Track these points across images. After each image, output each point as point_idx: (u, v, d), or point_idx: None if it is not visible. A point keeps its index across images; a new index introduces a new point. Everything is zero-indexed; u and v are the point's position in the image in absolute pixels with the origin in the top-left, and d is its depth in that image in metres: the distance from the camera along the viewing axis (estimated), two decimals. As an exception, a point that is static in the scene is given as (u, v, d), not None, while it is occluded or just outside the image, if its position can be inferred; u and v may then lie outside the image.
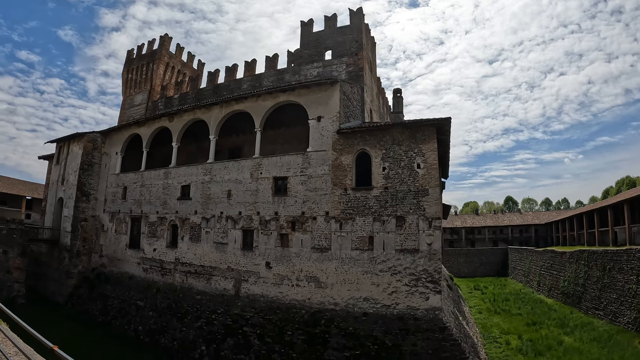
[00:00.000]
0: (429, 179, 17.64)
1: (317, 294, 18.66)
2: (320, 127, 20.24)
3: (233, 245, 21.63)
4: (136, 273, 25.80)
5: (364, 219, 18.30)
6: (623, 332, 23.43)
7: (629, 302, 24.41)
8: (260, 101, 22.66)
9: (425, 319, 16.51)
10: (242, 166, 22.34)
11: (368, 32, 29.05)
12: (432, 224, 17.22)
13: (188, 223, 23.83)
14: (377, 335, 16.78)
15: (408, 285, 17.11)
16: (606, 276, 28.00)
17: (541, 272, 42.57)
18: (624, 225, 39.58)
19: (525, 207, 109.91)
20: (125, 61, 39.17)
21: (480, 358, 18.43)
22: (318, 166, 19.76)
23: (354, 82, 24.76)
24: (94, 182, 29.42)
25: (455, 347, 15.70)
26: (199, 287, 22.40)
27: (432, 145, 18.00)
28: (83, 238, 28.40)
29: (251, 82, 29.40)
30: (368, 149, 18.95)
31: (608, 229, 43.25)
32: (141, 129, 28.24)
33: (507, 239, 71.86)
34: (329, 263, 18.64)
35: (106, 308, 25.27)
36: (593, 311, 28.83)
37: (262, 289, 20.13)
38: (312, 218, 19.43)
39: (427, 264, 16.99)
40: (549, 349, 21.36)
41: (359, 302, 17.74)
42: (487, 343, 23.52)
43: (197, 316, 21.27)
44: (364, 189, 18.57)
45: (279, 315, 19.10)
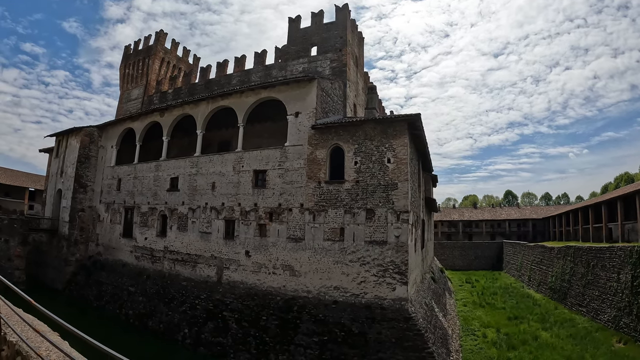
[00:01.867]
0: (398, 174, 18.32)
1: (292, 282, 19.62)
2: (297, 122, 21.05)
3: (216, 235, 22.70)
4: (129, 261, 27.10)
5: (336, 211, 19.13)
6: (602, 329, 23.70)
7: (610, 300, 24.61)
8: (244, 97, 23.53)
9: (391, 309, 17.21)
10: (225, 159, 23.30)
11: (355, 28, 29.62)
12: (400, 217, 17.93)
13: (176, 213, 24.96)
14: (344, 322, 17.60)
15: (376, 275, 17.89)
16: (590, 273, 28.06)
17: (532, 266, 42.89)
18: (617, 222, 39.71)
19: (525, 202, 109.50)
20: (122, 56, 40.35)
21: (448, 349, 19.04)
22: (294, 160, 20.61)
23: (337, 78, 25.46)
24: (91, 174, 30.73)
25: (418, 337, 16.32)
26: (185, 274, 23.56)
27: (403, 140, 18.64)
28: (80, 228, 29.79)
29: (240, 78, 30.27)
30: (341, 143, 19.71)
31: (602, 225, 43.37)
32: (135, 124, 29.37)
33: (504, 233, 71.98)
34: (302, 253, 19.57)
35: (100, 293, 26.64)
36: (577, 307, 28.96)
37: (241, 276, 21.19)
38: (288, 209, 20.35)
39: (394, 256, 17.73)
40: (523, 343, 21.70)
41: (330, 290, 18.63)
42: (464, 335, 23.92)
43: (182, 301, 22.45)
44: (337, 182, 19.37)
45: (256, 301, 20.15)
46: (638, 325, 20.87)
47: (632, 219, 36.97)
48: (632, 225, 36.98)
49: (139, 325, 22.86)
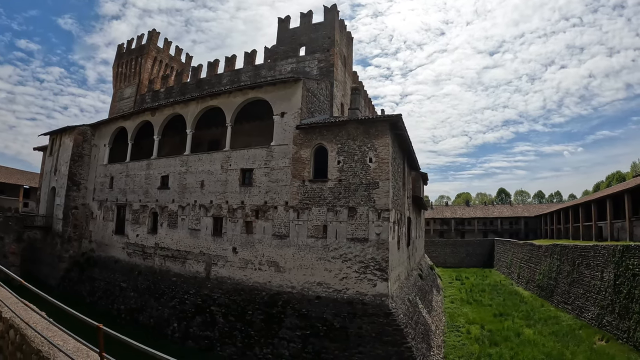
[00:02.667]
0: (380, 173, 18.83)
1: (277, 278, 20.20)
2: (283, 122, 21.56)
3: (205, 232, 23.27)
4: (121, 257, 27.66)
5: (319, 209, 19.68)
6: (586, 327, 23.96)
7: (594, 298, 24.84)
8: (232, 97, 24.02)
9: (372, 304, 17.71)
10: (214, 158, 23.83)
11: (343, 29, 30.05)
12: (381, 216, 18.46)
13: (167, 211, 25.50)
14: (327, 317, 18.14)
15: (357, 272, 18.43)
16: (575, 271, 28.31)
17: (521, 264, 43.28)
18: (606, 221, 40.01)
19: (518, 200, 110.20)
20: (115, 55, 40.75)
21: (429, 344, 19.50)
22: (280, 159, 21.14)
23: (324, 78, 25.94)
24: (84, 172, 31.24)
25: (398, 332, 16.82)
26: (175, 269, 24.14)
27: (385, 140, 19.13)
28: (74, 225, 30.33)
29: (231, 77, 30.72)
30: (325, 143, 20.22)
31: (592, 223, 43.73)
32: (127, 123, 29.85)
33: (496, 230, 72.42)
34: (287, 249, 20.13)
35: (93, 289, 27.22)
36: (562, 305, 29.21)
37: (229, 272, 21.77)
38: (274, 207, 20.90)
39: (375, 253, 18.27)
40: (505, 339, 21.92)
41: (313, 286, 19.20)
42: (448, 331, 24.26)
43: (172, 296, 23.04)
44: (320, 181, 19.91)
45: (242, 296, 20.74)
46: (620, 324, 21.15)
47: (622, 218, 37.19)
48: (622, 224, 37.08)
49: (130, 320, 23.45)
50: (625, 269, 21.41)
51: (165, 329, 21.51)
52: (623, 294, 21.25)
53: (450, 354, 20.33)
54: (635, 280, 20.33)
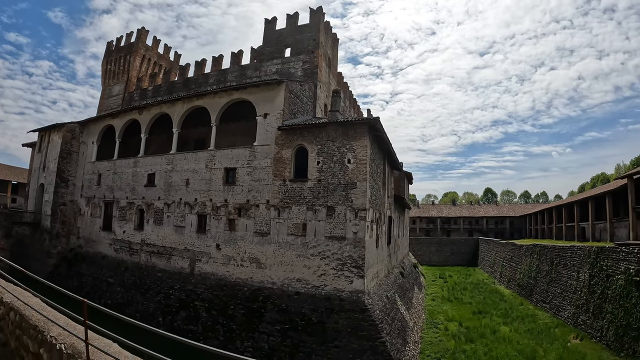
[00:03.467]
0: (357, 173, 19.53)
1: (258, 274, 20.89)
2: (266, 123, 22.17)
3: (189, 229, 23.89)
4: (108, 253, 28.20)
5: (299, 207, 20.36)
6: (562, 325, 24.41)
7: (570, 298, 25.31)
8: (217, 98, 24.57)
9: (349, 300, 18.42)
10: (199, 157, 24.40)
11: (329, 30, 30.62)
12: (358, 215, 19.17)
13: (153, 208, 26.06)
14: (305, 312, 18.85)
15: (335, 269, 19.14)
16: (553, 271, 28.84)
17: (503, 263, 43.98)
18: (588, 222, 40.98)
19: (504, 199, 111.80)
20: (105, 52, 40.99)
21: (405, 340, 20.18)
22: (262, 159, 21.78)
23: (308, 79, 26.55)
24: (72, 169, 31.63)
25: (372, 327, 17.50)
26: (160, 265, 24.74)
27: (363, 142, 19.80)
28: (62, 221, 30.77)
29: (217, 77, 31.23)
30: (306, 144, 20.87)
31: (574, 224, 44.72)
32: (114, 120, 30.28)
33: (482, 230, 73.48)
34: (268, 246, 20.82)
35: (81, 285, 27.72)
36: (541, 304, 29.73)
37: (212, 268, 22.43)
38: (256, 205, 21.56)
39: (352, 251, 18.98)
40: (481, 336, 22.38)
41: (293, 282, 19.90)
42: (427, 328, 24.86)
43: (158, 291, 23.67)
44: (300, 181, 20.58)
45: (225, 291, 21.42)
46: (594, 323, 21.64)
47: (604, 219, 37.63)
48: (604, 225, 37.87)
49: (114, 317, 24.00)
50: (600, 270, 22.00)
51: (150, 323, 22.01)
52: (597, 293, 21.84)
53: (427, 349, 20.91)
54: (609, 281, 20.84)
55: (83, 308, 4.52)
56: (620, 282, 19.75)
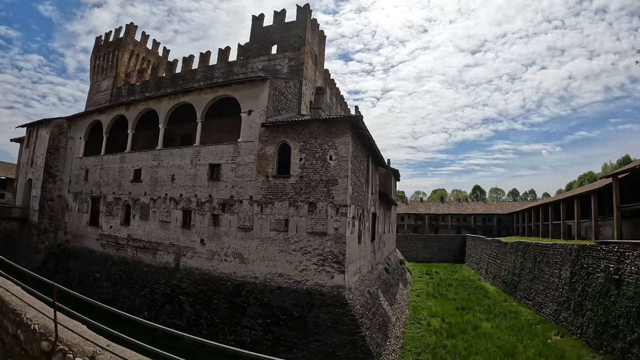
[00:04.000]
0: (339, 170, 19.82)
1: (241, 269, 21.20)
2: (250, 120, 22.40)
3: (175, 224, 24.12)
4: (95, 248, 28.38)
5: (281, 203, 20.66)
6: (544, 322, 24.74)
7: (552, 295, 25.63)
8: (202, 94, 24.75)
9: (329, 295, 18.74)
10: (184, 153, 24.60)
11: (316, 28, 30.79)
12: (339, 211, 19.47)
13: (139, 203, 26.25)
14: (287, 306, 19.14)
15: (316, 264, 19.46)
16: (536, 268, 29.18)
17: (489, 260, 44.38)
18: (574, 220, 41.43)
19: (493, 197, 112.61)
20: (93, 47, 40.86)
21: (386, 334, 20.45)
22: (246, 155, 22.02)
23: (293, 76, 26.75)
24: (60, 165, 31.69)
25: (352, 322, 17.81)
26: (146, 260, 24.97)
27: (345, 139, 20.08)
28: (50, 216, 30.86)
29: (204, 73, 31.35)
30: (289, 141, 21.14)
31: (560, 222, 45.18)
32: (102, 116, 30.34)
33: (470, 227, 73.96)
34: (251, 241, 21.12)
35: (69, 280, 27.85)
36: (524, 300, 30.08)
37: (197, 262, 22.70)
38: (239, 201, 21.83)
39: (333, 246, 19.31)
40: (462, 332, 22.72)
41: (275, 277, 20.22)
42: (409, 323, 25.23)
43: (143, 286, 23.91)
44: (283, 177, 20.86)
45: (209, 286, 21.71)
46: (574, 320, 21.91)
47: (590, 218, 37.91)
48: (589, 223, 38.08)
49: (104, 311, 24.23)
50: (581, 268, 22.31)
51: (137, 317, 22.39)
52: (578, 291, 22.12)
53: (408, 344, 21.28)
54: (589, 279, 21.13)
55: (53, 291, 5.01)
56: (600, 280, 20.04)
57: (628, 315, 17.07)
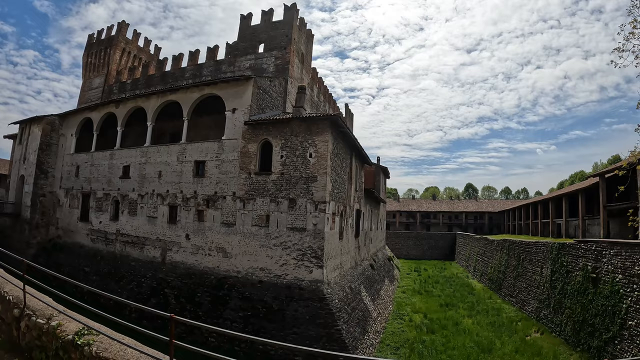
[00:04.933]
0: (318, 167, 20.34)
1: (224, 263, 21.77)
2: (234, 118, 22.92)
3: (161, 219, 24.69)
4: (85, 243, 28.97)
5: (263, 199, 21.20)
6: (526, 319, 25.04)
7: (534, 292, 25.84)
8: (189, 93, 25.26)
9: (308, 289, 19.26)
10: (171, 150, 25.14)
11: (303, 27, 31.26)
12: (318, 207, 20.01)
13: (127, 199, 26.81)
14: (267, 300, 19.69)
15: (296, 259, 19.99)
16: (520, 266, 29.49)
17: (477, 257, 44.85)
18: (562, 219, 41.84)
19: (485, 195, 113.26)
20: (86, 45, 41.34)
21: (365, 329, 20.91)
22: (230, 152, 22.56)
23: (279, 75, 27.24)
24: (52, 161, 32.26)
25: (329, 316, 18.33)
26: (134, 255, 25.56)
27: (324, 137, 20.58)
28: (41, 212, 31.45)
29: (193, 71, 31.85)
30: (270, 138, 21.66)
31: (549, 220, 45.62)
32: (92, 114, 30.87)
33: (461, 224, 74.51)
34: (234, 236, 21.68)
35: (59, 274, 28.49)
36: (508, 298, 30.47)
37: (182, 257, 23.29)
38: (223, 197, 22.38)
39: (312, 242, 19.84)
40: (443, 328, 23.14)
41: (257, 271, 20.78)
42: (392, 319, 25.65)
43: (131, 279, 24.52)
44: (265, 174, 21.39)
45: (193, 279, 22.30)
46: (554, 318, 22.15)
47: (576, 216, 38.31)
48: (577, 222, 38.34)
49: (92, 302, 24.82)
50: (561, 266, 22.53)
51: (123, 310, 22.91)
52: (557, 289, 22.36)
53: (388, 339, 21.79)
54: (569, 277, 21.35)
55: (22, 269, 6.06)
56: (578, 279, 20.24)
57: (604, 313, 17.26)
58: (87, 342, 4.67)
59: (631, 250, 16.47)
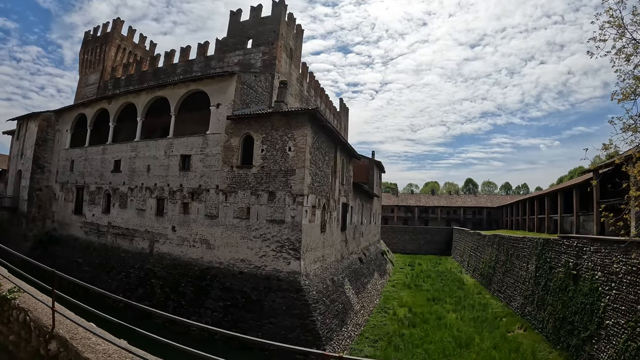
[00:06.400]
0: (297, 161, 20.74)
1: (208, 254, 22.33)
2: (218, 113, 23.41)
3: (150, 212, 25.35)
4: (79, 235, 29.79)
5: (244, 192, 21.69)
6: (511, 315, 24.79)
7: (520, 288, 25.56)
8: (176, 89, 25.79)
9: (286, 280, 19.69)
10: (159, 145, 25.73)
11: (292, 22, 31.57)
12: (296, 200, 20.41)
13: (118, 192, 27.52)
14: (246, 290, 20.18)
15: (275, 250, 20.45)
16: (508, 261, 29.18)
17: (470, 253, 44.74)
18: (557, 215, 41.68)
19: (486, 190, 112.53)
20: (82, 42, 42.13)
21: (343, 321, 21.10)
22: (213, 147, 23.07)
23: (266, 70, 27.63)
24: (48, 156, 33.09)
25: (305, 307, 18.70)
26: (124, 246, 26.28)
27: (303, 131, 20.95)
28: (38, 205, 32.34)
29: (184, 67, 32.40)
30: (252, 132, 22.11)
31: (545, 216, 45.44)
32: (86, 110, 31.61)
33: (459, 219, 74.18)
34: (216, 228, 22.22)
35: (54, 266, 28.92)
36: (497, 293, 30.11)
37: (168, 248, 23.91)
38: (206, 190, 22.92)
39: (290, 234, 20.29)
40: (424, 322, 23.06)
41: (238, 262, 21.30)
42: (376, 312, 25.78)
43: (120, 270, 25.24)
44: (246, 167, 21.87)
45: (178, 270, 22.91)
46: (537, 314, 21.79)
47: (570, 212, 37.72)
48: (573, 218, 38.47)
49: (82, 293, 25.58)
50: (544, 262, 22.17)
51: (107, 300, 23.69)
52: (541, 285, 22.03)
53: (368, 332, 21.95)
54: (551, 273, 20.94)
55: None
56: (560, 275, 19.87)
57: (583, 311, 16.94)
58: (14, 297, 6.06)
59: (610, 247, 15.99)
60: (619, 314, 14.43)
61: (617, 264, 15.29)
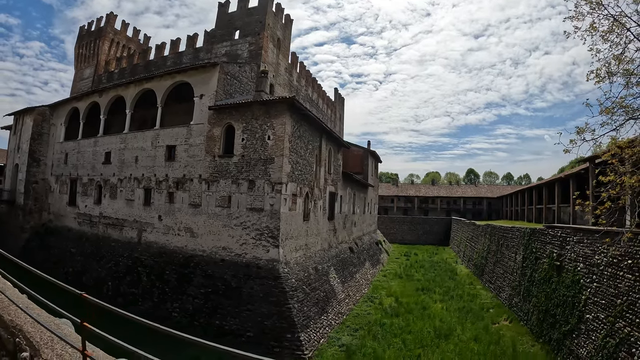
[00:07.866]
0: (275, 149, 20.90)
1: (191, 242, 22.72)
2: (201, 103, 23.65)
3: (138, 202, 25.81)
4: (73, 226, 30.46)
5: (225, 181, 21.96)
6: (499, 306, 24.39)
7: (508, 279, 25.14)
8: (162, 81, 26.08)
9: (265, 268, 19.95)
10: (146, 136, 26.11)
11: (280, 12, 31.58)
12: (275, 188, 20.61)
13: (109, 183, 28.04)
14: (227, 278, 20.49)
15: (254, 238, 20.71)
16: (499, 251, 28.77)
17: (466, 243, 44.53)
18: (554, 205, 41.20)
19: (487, 181, 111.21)
20: (77, 37, 42.60)
21: (324, 309, 21.19)
22: (197, 137, 23.35)
23: (252, 61, 27.77)
24: (43, 150, 33.81)
25: (282, 294, 18.92)
26: (114, 236, 26.83)
27: (282, 120, 21.07)
28: (34, 198, 33.11)
29: (174, 59, 32.67)
30: (233, 122, 22.31)
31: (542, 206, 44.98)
32: (79, 103, 32.14)
33: (459, 210, 73.65)
34: (200, 217, 22.57)
35: (49, 256, 30.04)
36: (488, 284, 29.74)
37: (155, 237, 24.36)
38: (190, 180, 23.26)
39: (269, 222, 20.51)
40: (408, 312, 22.96)
41: (220, 250, 21.63)
42: (362, 302, 25.79)
43: (110, 259, 25.79)
44: (227, 157, 22.12)
45: (164, 258, 23.35)
46: (523, 306, 21.35)
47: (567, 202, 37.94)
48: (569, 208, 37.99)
49: (75, 281, 26.27)
50: (531, 252, 21.73)
51: (102, 287, 24.28)
52: (527, 276, 21.54)
53: (350, 321, 21.99)
54: (537, 264, 20.47)
55: None
56: (545, 266, 19.34)
57: (564, 304, 16.44)
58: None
59: (592, 238, 15.38)
60: (599, 308, 13.91)
61: (599, 255, 14.73)
